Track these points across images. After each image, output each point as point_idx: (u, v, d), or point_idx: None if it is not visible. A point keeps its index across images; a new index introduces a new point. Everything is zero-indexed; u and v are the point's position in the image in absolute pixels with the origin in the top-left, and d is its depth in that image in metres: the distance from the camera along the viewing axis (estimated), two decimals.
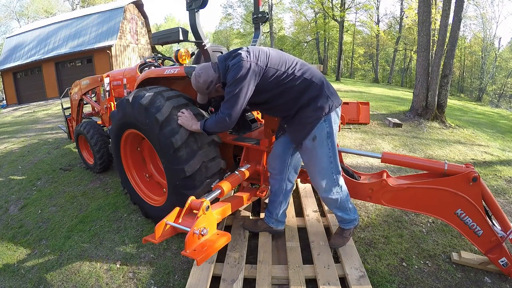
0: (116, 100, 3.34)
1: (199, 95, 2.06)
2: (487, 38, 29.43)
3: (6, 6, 30.25)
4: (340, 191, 2.04)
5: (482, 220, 1.85)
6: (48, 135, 6.53)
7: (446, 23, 6.56)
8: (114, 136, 2.59)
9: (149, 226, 2.62)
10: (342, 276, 1.94)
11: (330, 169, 1.94)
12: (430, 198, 1.96)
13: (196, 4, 2.19)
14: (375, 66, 30.68)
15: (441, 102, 6.65)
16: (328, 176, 1.96)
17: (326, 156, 1.90)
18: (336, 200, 2.05)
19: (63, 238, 2.61)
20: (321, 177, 1.96)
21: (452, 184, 1.87)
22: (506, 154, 4.70)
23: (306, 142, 1.87)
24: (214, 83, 1.85)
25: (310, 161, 1.95)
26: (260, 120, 3.02)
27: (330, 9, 20.58)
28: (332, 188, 2.00)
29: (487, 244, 1.88)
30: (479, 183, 1.82)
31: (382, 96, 12.00)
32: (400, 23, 27.63)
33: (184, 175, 2.03)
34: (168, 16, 58.45)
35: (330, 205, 2.11)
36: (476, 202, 1.84)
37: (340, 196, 2.05)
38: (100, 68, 14.80)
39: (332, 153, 1.91)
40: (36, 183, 3.86)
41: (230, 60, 1.78)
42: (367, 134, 5.49)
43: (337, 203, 2.07)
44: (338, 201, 2.06)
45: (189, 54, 2.53)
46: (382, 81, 29.64)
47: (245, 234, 2.37)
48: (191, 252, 1.51)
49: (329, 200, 2.06)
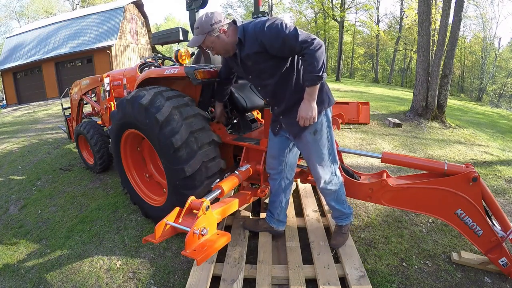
0: (116, 100, 3.34)
1: (193, 37, 1.78)
2: (487, 38, 29.43)
3: (6, 6, 30.29)
4: (338, 182, 2.09)
5: (482, 220, 1.85)
6: (48, 135, 6.53)
7: (446, 23, 6.56)
8: (114, 136, 2.59)
9: (149, 226, 2.62)
10: (342, 276, 1.94)
11: (329, 161, 1.99)
12: (430, 198, 1.96)
13: (196, 4, 2.19)
14: (375, 66, 30.69)
15: (441, 102, 6.65)
16: (328, 167, 2.00)
17: (325, 148, 1.94)
18: (334, 192, 2.09)
19: (63, 238, 2.61)
20: (322, 168, 1.98)
21: (452, 184, 1.87)
22: (506, 154, 4.70)
23: (307, 135, 1.87)
24: (222, 24, 1.68)
25: (310, 154, 1.96)
26: (260, 120, 3.02)
27: (330, 9, 20.58)
28: (331, 179, 2.04)
29: (487, 244, 1.88)
30: (479, 183, 1.82)
31: (382, 96, 12.00)
32: (400, 23, 27.64)
33: (184, 175, 2.03)
34: (168, 16, 58.47)
35: (329, 196, 2.13)
36: (476, 202, 1.84)
37: (338, 187, 2.10)
38: (100, 68, 14.79)
39: (331, 145, 1.97)
40: (36, 183, 3.86)
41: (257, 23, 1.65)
42: (367, 134, 5.49)
43: (335, 194, 2.11)
44: (336, 192, 2.10)
45: (189, 54, 2.53)
46: (382, 81, 29.63)
47: (245, 234, 2.37)
48: (191, 252, 1.51)
49: (328, 192, 2.09)
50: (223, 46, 1.75)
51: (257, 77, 1.86)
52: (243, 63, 1.80)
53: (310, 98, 1.70)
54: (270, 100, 1.97)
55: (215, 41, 1.72)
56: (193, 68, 2.16)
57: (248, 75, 1.89)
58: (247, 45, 1.70)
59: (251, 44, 1.68)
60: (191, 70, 2.14)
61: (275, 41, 1.60)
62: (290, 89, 1.82)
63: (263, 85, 1.88)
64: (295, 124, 1.85)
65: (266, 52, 1.67)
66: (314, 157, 1.96)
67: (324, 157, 1.96)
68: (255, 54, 1.70)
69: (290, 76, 1.80)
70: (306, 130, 1.85)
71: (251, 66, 1.79)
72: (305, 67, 1.66)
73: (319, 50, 1.57)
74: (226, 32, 1.71)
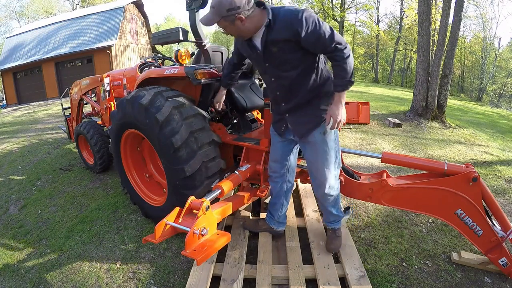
0: (116, 100, 3.34)
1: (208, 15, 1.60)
2: (487, 38, 29.42)
3: (6, 6, 30.28)
4: (338, 186, 2.07)
5: (482, 220, 1.85)
6: (48, 135, 6.53)
7: (446, 23, 6.56)
8: (114, 136, 2.59)
9: (149, 226, 2.62)
10: (342, 276, 1.94)
11: (335, 164, 1.94)
12: (430, 198, 1.95)
13: (196, 4, 2.19)
14: (375, 66, 30.66)
15: (441, 102, 6.65)
16: (333, 171, 1.94)
17: (333, 149, 1.89)
18: (335, 197, 2.06)
19: (63, 238, 2.61)
20: (328, 171, 1.91)
21: (452, 184, 1.86)
22: (506, 154, 4.70)
23: (316, 135, 1.81)
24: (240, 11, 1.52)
25: (318, 155, 1.88)
26: (260, 120, 3.02)
27: (330, 9, 20.61)
28: (335, 184, 2.01)
29: (487, 244, 1.88)
30: (479, 183, 1.82)
31: (382, 96, 11.99)
32: (400, 23, 27.63)
33: (184, 175, 2.03)
34: (168, 16, 58.48)
35: (329, 202, 2.06)
36: (476, 202, 1.84)
37: (339, 192, 2.08)
38: (100, 68, 14.79)
39: (338, 147, 1.94)
40: (36, 183, 3.86)
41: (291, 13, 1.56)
42: (367, 134, 5.49)
43: (336, 199, 2.08)
44: (337, 197, 2.08)
45: (189, 54, 2.53)
46: (382, 81, 29.61)
47: (245, 234, 2.37)
48: (191, 252, 1.51)
49: (330, 198, 2.03)
50: (236, 32, 1.65)
51: (276, 67, 1.73)
52: (267, 48, 1.66)
53: (341, 101, 1.67)
54: (281, 94, 1.84)
55: (228, 26, 1.60)
56: (193, 68, 2.16)
57: (265, 63, 1.74)
58: (276, 30, 1.58)
59: (282, 29, 1.57)
60: (191, 70, 2.14)
61: (312, 34, 1.53)
62: (306, 86, 1.75)
63: (280, 76, 1.75)
64: (302, 123, 1.81)
65: (297, 42, 1.58)
66: (321, 159, 1.89)
67: (331, 160, 1.89)
68: (284, 42, 1.59)
69: (310, 73, 1.74)
70: (316, 129, 1.80)
71: (275, 53, 1.66)
72: (337, 73, 1.63)
73: (351, 56, 1.59)
74: (243, 20, 1.56)
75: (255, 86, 2.83)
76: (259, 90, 2.79)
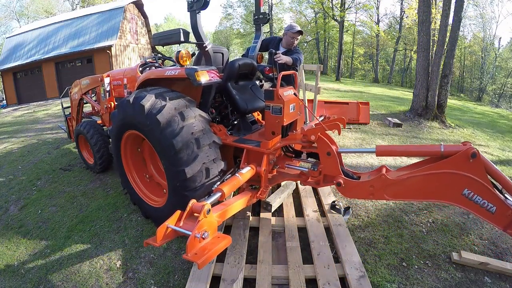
0: (116, 100, 3.34)
1: None
2: (487, 38, 29.44)
3: (6, 6, 30.28)
4: None
5: (492, 196, 1.70)
6: (48, 135, 6.53)
7: (446, 23, 6.56)
8: (114, 136, 2.59)
9: (149, 227, 2.62)
10: (342, 276, 1.94)
11: None
12: (433, 183, 1.84)
13: (198, 5, 2.19)
14: (375, 66, 30.64)
15: (441, 102, 6.65)
16: None
17: None
18: None
19: (63, 238, 2.61)
20: None
21: (452, 165, 1.75)
22: (506, 154, 4.70)
23: None
24: None
25: None
26: (260, 122, 3.02)
27: (330, 9, 20.59)
28: None
29: (503, 219, 1.71)
30: (480, 158, 1.70)
31: (382, 96, 11.99)
32: (400, 23, 27.62)
33: (184, 176, 2.03)
34: (168, 16, 58.33)
35: None
36: (481, 178, 1.70)
37: None
38: (100, 68, 14.77)
39: None
40: (36, 183, 3.86)
41: None
42: (367, 134, 5.49)
43: None
44: None
45: (190, 56, 2.53)
46: (382, 81, 29.61)
47: (245, 234, 2.37)
48: (192, 256, 1.51)
49: None
50: None
51: None
52: None
53: None
54: None
55: None
56: (194, 69, 2.16)
57: None
58: None
59: None
60: (192, 71, 2.14)
61: None
62: None
63: None
64: None
65: None
66: None
67: None
68: None
69: None
70: None
71: None
72: None
73: None
74: None
75: (256, 87, 2.83)
76: (260, 91, 2.79)
